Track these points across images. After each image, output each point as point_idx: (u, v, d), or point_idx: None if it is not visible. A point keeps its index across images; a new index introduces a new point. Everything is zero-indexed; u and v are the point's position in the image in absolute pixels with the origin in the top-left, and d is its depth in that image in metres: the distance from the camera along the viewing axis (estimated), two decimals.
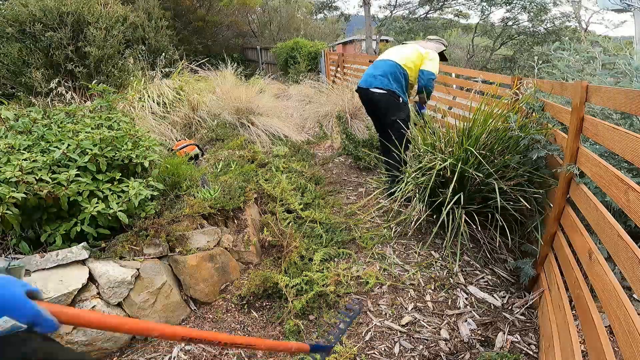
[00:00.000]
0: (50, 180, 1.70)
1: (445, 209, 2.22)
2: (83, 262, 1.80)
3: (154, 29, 6.76)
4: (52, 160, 1.80)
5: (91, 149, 1.90)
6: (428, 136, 2.69)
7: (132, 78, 4.95)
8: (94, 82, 3.58)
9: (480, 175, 2.17)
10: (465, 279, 2.22)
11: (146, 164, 2.08)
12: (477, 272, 2.28)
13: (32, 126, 2.05)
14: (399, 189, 2.54)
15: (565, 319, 1.45)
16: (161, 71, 5.11)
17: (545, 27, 11.73)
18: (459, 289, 2.13)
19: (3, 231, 1.84)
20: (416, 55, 3.13)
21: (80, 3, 4.97)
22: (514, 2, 11.88)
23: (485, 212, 2.28)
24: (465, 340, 1.79)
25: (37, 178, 1.67)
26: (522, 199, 2.13)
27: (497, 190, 2.10)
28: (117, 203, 1.83)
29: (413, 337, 1.82)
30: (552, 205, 1.93)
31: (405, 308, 2.01)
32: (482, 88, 3.42)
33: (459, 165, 2.23)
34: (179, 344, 1.79)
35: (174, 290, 1.93)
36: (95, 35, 4.87)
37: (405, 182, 2.51)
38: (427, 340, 1.81)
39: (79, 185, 1.78)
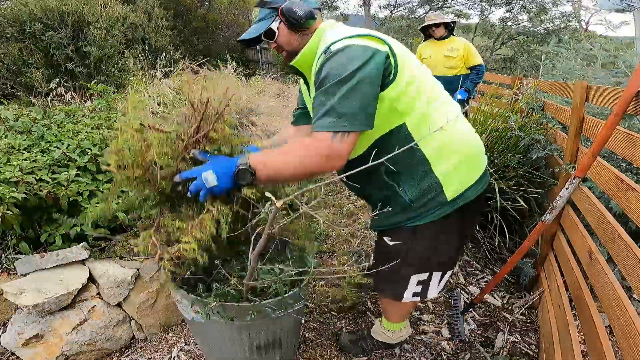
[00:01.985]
0: (50, 180, 1.70)
1: None
2: (83, 262, 1.79)
3: (154, 28, 6.76)
4: (52, 160, 1.80)
5: (91, 149, 1.90)
6: None
7: (132, 78, 4.94)
8: (93, 82, 3.58)
9: None
10: (465, 279, 2.22)
11: None
12: (477, 272, 2.28)
13: (32, 126, 2.05)
14: None
15: (565, 319, 1.45)
16: (161, 71, 5.10)
17: (545, 27, 11.73)
18: (459, 289, 2.13)
19: (3, 231, 1.84)
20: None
21: (81, 3, 4.97)
22: (514, 2, 11.88)
23: (485, 212, 2.27)
24: (466, 341, 1.79)
25: (37, 178, 1.67)
26: (521, 199, 2.13)
27: (497, 190, 2.10)
28: (117, 203, 1.83)
29: (414, 338, 1.82)
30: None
31: None
32: (482, 88, 3.44)
33: None
34: (178, 344, 1.79)
35: None
36: (96, 35, 4.87)
37: None
38: (427, 340, 1.81)
39: (79, 185, 1.78)
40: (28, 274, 1.70)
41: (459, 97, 3.36)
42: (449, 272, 1.36)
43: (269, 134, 4.43)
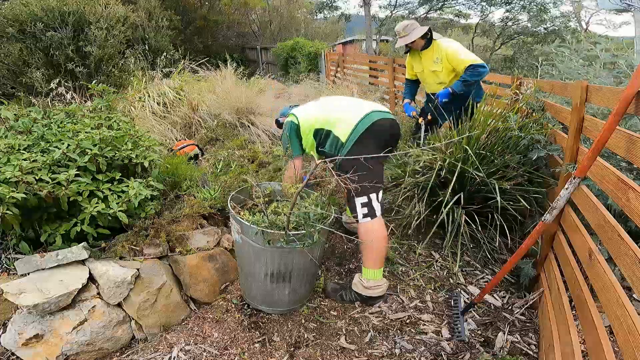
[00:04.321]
0: (50, 180, 1.70)
1: (445, 209, 2.22)
2: (83, 262, 1.80)
3: (154, 29, 6.76)
4: (52, 160, 1.80)
5: (91, 149, 1.90)
6: (429, 137, 2.71)
7: (132, 78, 4.95)
8: (94, 82, 3.58)
9: (480, 174, 2.17)
10: (465, 279, 2.22)
11: (146, 164, 2.08)
12: (477, 272, 2.28)
13: (32, 126, 2.05)
14: (397, 189, 2.55)
15: (565, 319, 1.45)
16: (161, 71, 5.11)
17: (545, 27, 11.73)
18: (459, 289, 2.13)
19: (3, 231, 1.85)
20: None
21: (82, 3, 4.97)
22: (514, 2, 11.88)
23: (485, 212, 2.27)
24: (466, 341, 1.79)
25: (37, 178, 1.67)
26: (522, 199, 2.13)
27: (497, 190, 2.09)
28: (117, 203, 1.83)
29: (414, 338, 1.82)
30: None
31: (406, 308, 2.01)
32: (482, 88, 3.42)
33: (459, 165, 2.23)
34: (178, 344, 1.79)
35: (174, 290, 1.93)
36: (96, 35, 4.88)
37: (404, 181, 2.51)
38: (427, 340, 1.81)
39: (79, 185, 1.78)
40: (28, 274, 1.70)
41: (438, 99, 2.84)
42: (380, 192, 1.93)
43: (269, 134, 4.44)
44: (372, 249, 1.91)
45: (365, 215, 1.90)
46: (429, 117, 2.97)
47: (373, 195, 1.89)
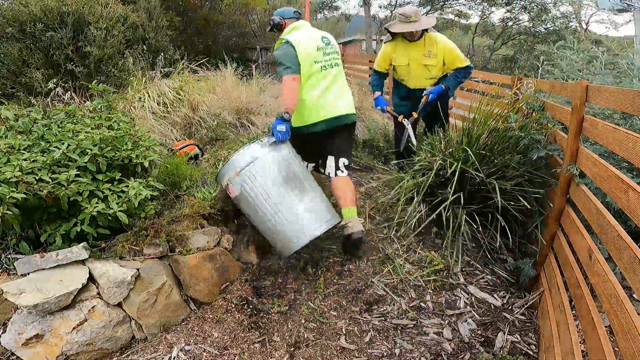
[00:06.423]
0: (50, 180, 1.70)
1: (445, 210, 2.22)
2: (83, 262, 1.79)
3: (154, 29, 6.75)
4: (52, 160, 1.80)
5: (91, 149, 1.90)
6: (428, 136, 2.71)
7: (132, 78, 4.94)
8: (94, 82, 3.58)
9: (480, 174, 2.17)
10: (465, 279, 2.21)
11: (146, 164, 2.08)
12: (477, 272, 2.28)
13: (32, 126, 2.05)
14: (398, 187, 2.55)
15: (565, 319, 1.45)
16: (161, 71, 5.10)
17: (545, 27, 11.72)
18: (459, 289, 2.13)
19: (3, 231, 1.84)
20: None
21: (81, 3, 4.97)
22: (514, 2, 11.87)
23: (486, 212, 2.27)
24: (466, 341, 1.79)
25: (37, 178, 1.67)
26: (522, 199, 2.13)
27: (497, 190, 2.09)
28: (117, 203, 1.83)
29: (414, 338, 1.82)
30: (552, 205, 1.92)
31: (406, 309, 2.01)
32: (482, 88, 3.42)
33: (459, 164, 2.23)
34: (178, 344, 1.79)
35: (174, 290, 1.93)
36: (96, 35, 4.87)
37: (405, 180, 2.51)
38: (427, 341, 1.81)
39: (79, 185, 1.78)
40: (28, 274, 1.70)
41: (429, 96, 2.74)
42: (309, 164, 2.48)
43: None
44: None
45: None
46: (415, 114, 2.85)
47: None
